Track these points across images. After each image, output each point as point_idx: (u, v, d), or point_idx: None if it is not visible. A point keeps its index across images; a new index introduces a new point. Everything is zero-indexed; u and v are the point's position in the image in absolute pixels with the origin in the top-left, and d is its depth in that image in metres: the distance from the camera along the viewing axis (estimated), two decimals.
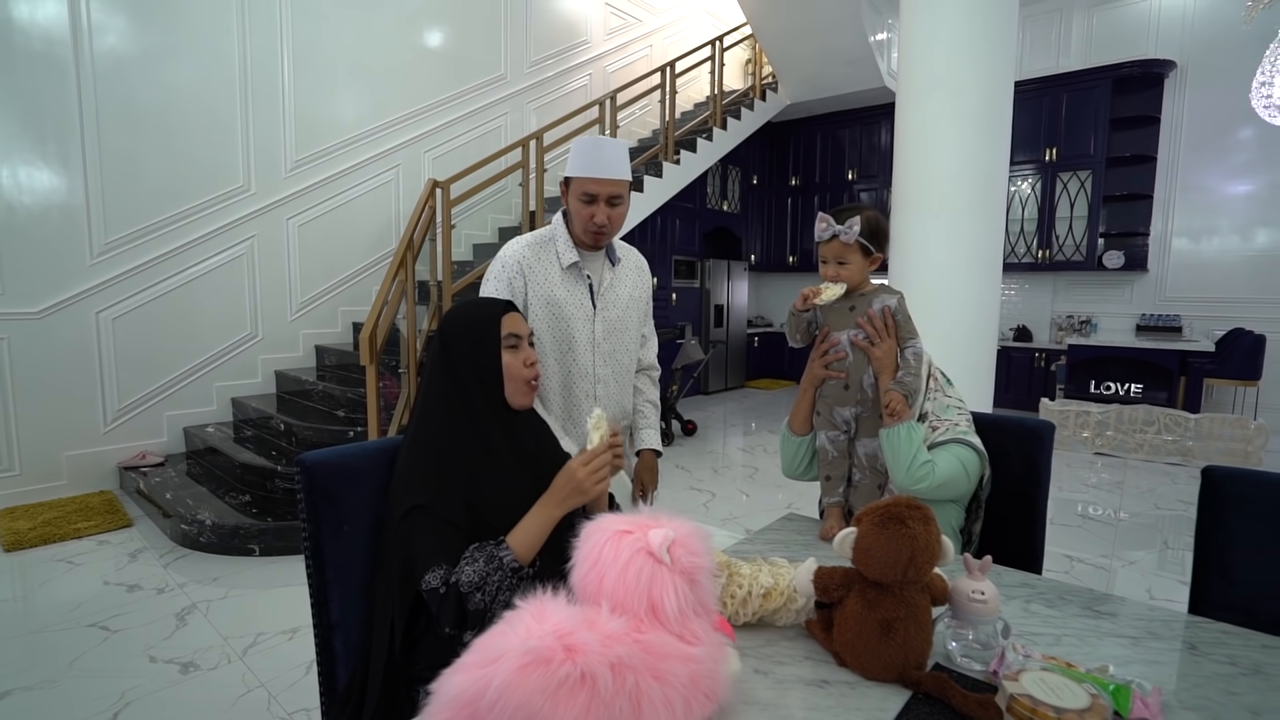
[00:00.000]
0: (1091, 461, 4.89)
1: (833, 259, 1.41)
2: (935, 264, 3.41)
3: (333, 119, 4.79)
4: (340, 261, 4.90)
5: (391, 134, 5.12)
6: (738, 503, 3.96)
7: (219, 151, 4.26)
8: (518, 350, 1.14)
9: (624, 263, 1.71)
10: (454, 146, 5.50)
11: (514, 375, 1.14)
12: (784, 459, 1.58)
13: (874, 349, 1.38)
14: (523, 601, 0.75)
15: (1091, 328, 6.46)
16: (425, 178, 5.22)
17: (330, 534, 1.12)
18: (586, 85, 6.61)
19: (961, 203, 3.38)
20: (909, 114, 3.54)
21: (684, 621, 0.77)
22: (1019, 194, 6.56)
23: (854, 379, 1.42)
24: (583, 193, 1.53)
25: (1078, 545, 3.27)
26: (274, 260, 4.56)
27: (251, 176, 4.41)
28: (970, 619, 0.92)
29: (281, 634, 2.36)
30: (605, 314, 1.63)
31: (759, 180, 8.60)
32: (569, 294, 1.59)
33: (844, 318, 1.43)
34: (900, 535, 0.87)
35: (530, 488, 1.11)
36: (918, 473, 1.33)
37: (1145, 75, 5.97)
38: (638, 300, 1.72)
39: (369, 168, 5.00)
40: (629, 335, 1.70)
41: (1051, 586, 1.20)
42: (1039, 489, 1.53)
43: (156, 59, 3.99)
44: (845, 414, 1.45)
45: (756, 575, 1.03)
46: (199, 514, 3.15)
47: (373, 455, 1.20)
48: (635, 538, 0.79)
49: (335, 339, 4.88)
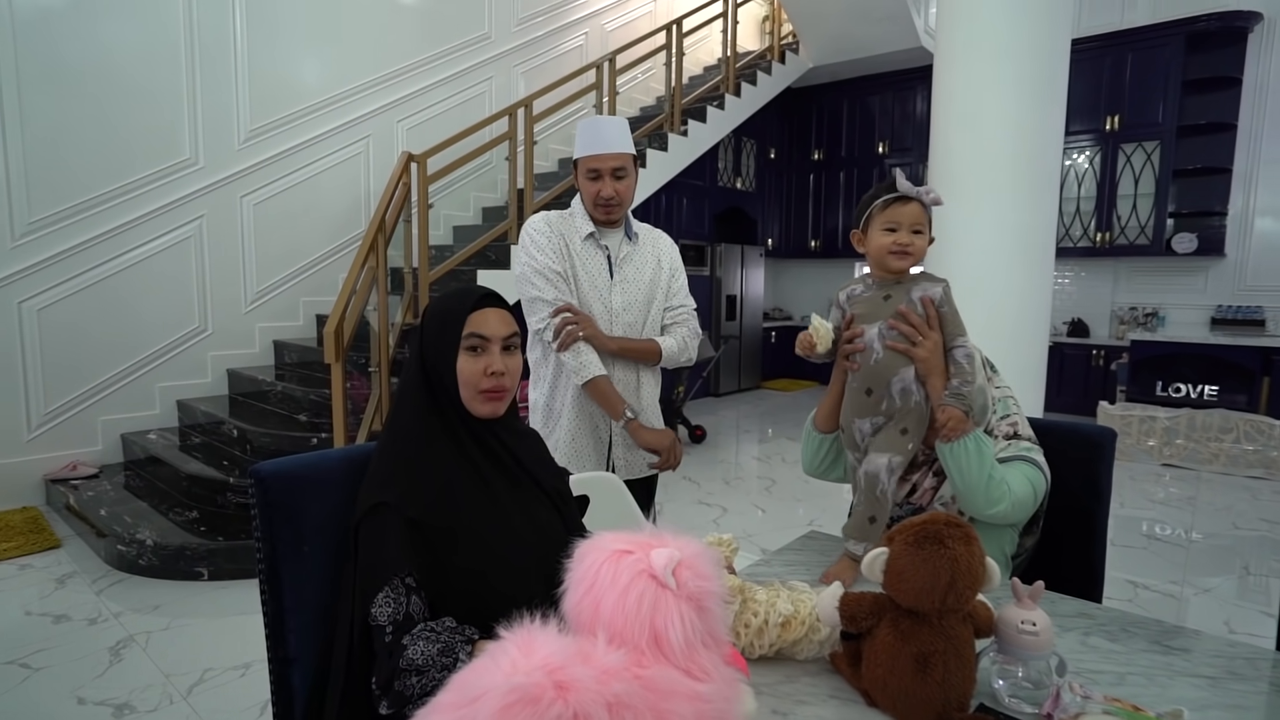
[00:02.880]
0: (1159, 474, 4.88)
1: (907, 225, 1.31)
2: (978, 249, 3.40)
3: (293, 83, 4.79)
4: (302, 245, 4.91)
5: (360, 101, 5.12)
6: (752, 519, 3.95)
7: (162, 119, 4.26)
8: (478, 355, 1.14)
9: (642, 240, 1.98)
10: (431, 115, 5.50)
11: (466, 381, 1.13)
12: (804, 454, 1.58)
13: (916, 349, 1.29)
14: (507, 631, 0.74)
15: (1158, 321, 6.45)
16: (399, 150, 5.22)
17: (288, 555, 1.12)
18: (582, 46, 6.61)
19: (1009, 180, 3.37)
20: (949, 78, 3.53)
21: (691, 654, 0.77)
22: (1075, 169, 6.54)
23: (879, 382, 1.32)
24: (588, 170, 1.84)
25: (1144, 570, 3.27)
26: (226, 244, 4.57)
27: (200, 148, 4.41)
28: (1020, 654, 0.91)
29: (232, 670, 2.35)
30: (624, 286, 1.91)
31: (777, 154, 8.59)
32: (587, 265, 1.88)
33: (877, 309, 1.34)
34: (938, 556, 0.87)
35: (508, 502, 1.12)
36: (995, 492, 1.28)
37: (1225, 30, 5.93)
38: (662, 274, 1.97)
39: (335, 139, 5.00)
40: (654, 308, 1.95)
41: (1114, 617, 1.19)
42: (1098, 505, 1.53)
43: (88, 10, 3.99)
44: (864, 427, 1.35)
45: (774, 602, 1.03)
46: (138, 533, 3.15)
47: (338, 465, 1.20)
48: (636, 558, 0.79)
49: (296, 333, 4.89)
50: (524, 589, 1.06)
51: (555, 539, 1.09)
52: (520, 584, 1.07)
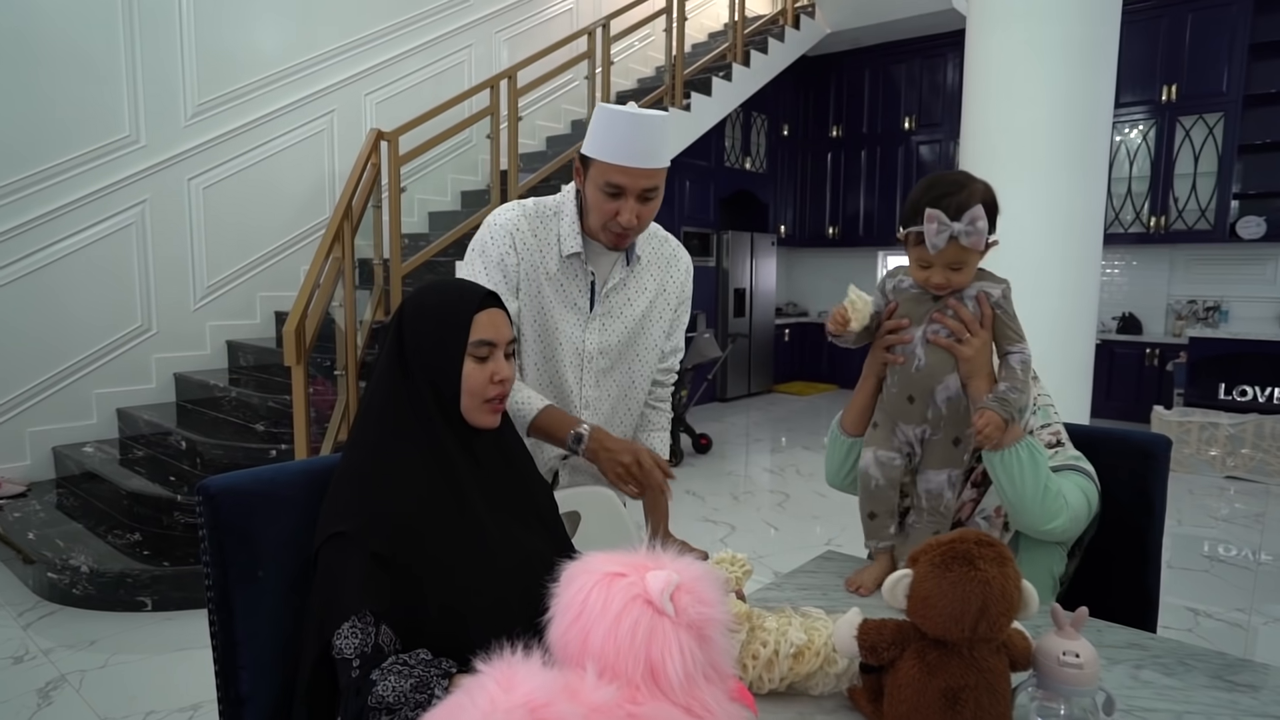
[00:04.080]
0: (1221, 487, 4.88)
1: (943, 265, 1.28)
2: (1016, 237, 3.35)
3: (247, 52, 4.79)
4: (258, 234, 4.91)
5: (324, 71, 5.13)
6: (763, 538, 3.95)
7: (97, 92, 4.26)
8: (486, 362, 1.15)
9: (646, 264, 1.66)
10: (404, 88, 5.50)
11: (473, 390, 1.14)
12: (829, 463, 1.58)
13: (962, 347, 1.30)
14: (486, 664, 0.75)
15: (1221, 316, 6.46)
16: (367, 127, 5.20)
17: (241, 581, 1.12)
18: (572, 9, 6.61)
19: (1051, 158, 3.37)
20: (984, 44, 3.53)
21: (691, 689, 0.77)
22: (1126, 145, 6.55)
23: (923, 389, 1.34)
24: (606, 183, 1.46)
25: (1204, 595, 3.27)
26: (172, 232, 4.56)
27: (140, 125, 4.41)
28: (1062, 689, 0.91)
29: (178, 712, 2.35)
30: (605, 322, 1.62)
31: (791, 131, 8.60)
32: (561, 290, 1.59)
33: (924, 308, 1.35)
34: (968, 579, 0.87)
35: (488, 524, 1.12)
36: (1051, 506, 1.29)
37: None
38: (659, 310, 1.68)
39: (295, 114, 5.01)
40: (638, 353, 1.67)
41: (1170, 648, 1.19)
42: (1152, 522, 1.53)
43: None
44: (910, 433, 1.39)
45: (785, 630, 1.03)
46: (72, 558, 3.14)
47: (297, 480, 1.20)
48: (630, 582, 0.79)
49: (253, 333, 4.89)
50: (504, 618, 1.05)
51: (539, 562, 1.09)
52: (500, 613, 1.07)
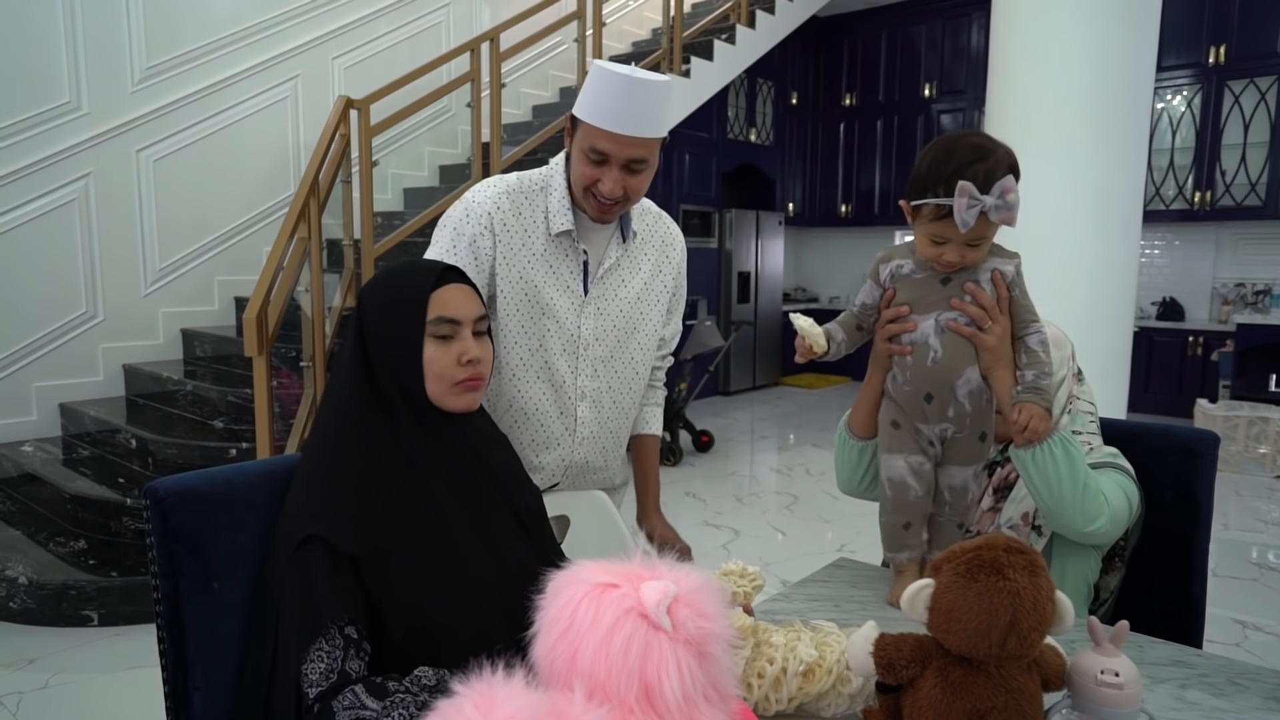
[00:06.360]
0: (1271, 488, 4.91)
1: (961, 241, 1.25)
2: (1048, 214, 3.39)
3: (202, 9, 4.76)
4: (216, 212, 4.89)
5: (287, 32, 5.10)
6: (770, 544, 3.97)
7: (31, 53, 4.22)
8: (450, 342, 1.16)
9: (641, 240, 1.68)
10: (375, 50, 5.48)
11: (438, 374, 1.15)
12: (840, 468, 1.58)
13: (984, 335, 1.29)
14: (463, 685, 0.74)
15: (1272, 300, 6.48)
16: (335, 95, 5.18)
17: (193, 594, 1.11)
18: None
19: (1086, 127, 3.37)
20: (1012, 1, 3.52)
21: (690, 711, 0.76)
22: (1169, 113, 6.55)
23: (941, 384, 1.32)
24: (591, 148, 1.45)
25: (1255, 607, 3.28)
26: (119, 210, 4.54)
27: (82, 90, 4.38)
28: (1100, 710, 0.91)
29: None
30: (601, 305, 1.63)
31: (800, 100, 8.59)
32: (551, 272, 1.58)
33: (932, 293, 1.32)
34: (996, 590, 0.86)
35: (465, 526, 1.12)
36: (1092, 505, 1.29)
37: None
38: (656, 293, 1.70)
39: (255, 79, 4.98)
40: (637, 340, 1.69)
41: (1218, 666, 1.19)
42: (1196, 527, 1.53)
43: None
44: (930, 432, 1.37)
45: (794, 646, 1.03)
46: (9, 568, 3.13)
47: (258, 482, 1.20)
48: (622, 593, 0.78)
49: (210, 320, 4.88)
50: (483, 633, 1.06)
51: (523, 570, 1.09)
52: (479, 627, 1.07)
